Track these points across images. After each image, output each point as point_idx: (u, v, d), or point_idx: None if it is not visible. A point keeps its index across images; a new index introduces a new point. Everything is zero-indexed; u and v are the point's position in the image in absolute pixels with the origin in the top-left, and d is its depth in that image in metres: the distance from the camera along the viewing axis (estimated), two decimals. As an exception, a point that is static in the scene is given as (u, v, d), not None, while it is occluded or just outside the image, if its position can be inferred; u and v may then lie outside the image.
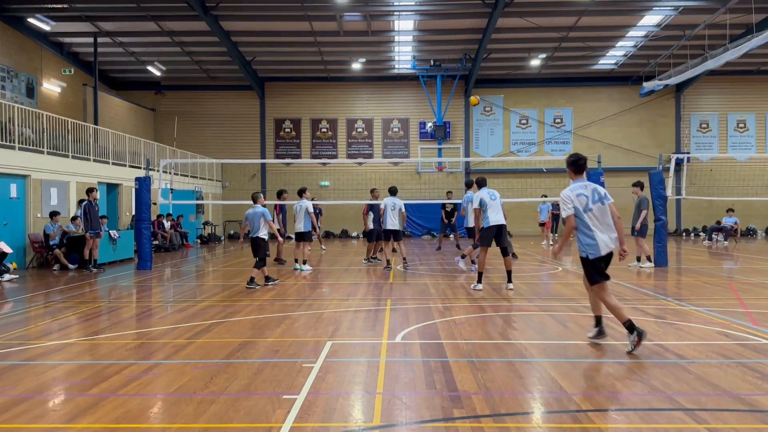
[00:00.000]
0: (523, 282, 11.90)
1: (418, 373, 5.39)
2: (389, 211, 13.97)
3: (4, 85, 21.52)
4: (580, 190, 6.28)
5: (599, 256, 6.12)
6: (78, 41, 25.43)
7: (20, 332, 7.52)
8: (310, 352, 6.15)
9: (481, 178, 11.23)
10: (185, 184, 24.92)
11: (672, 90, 30.16)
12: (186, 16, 22.58)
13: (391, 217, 13.94)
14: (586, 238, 6.15)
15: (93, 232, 14.50)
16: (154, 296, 10.88)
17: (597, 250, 6.10)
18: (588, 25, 24.15)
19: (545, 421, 4.31)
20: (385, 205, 14.02)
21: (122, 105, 28.73)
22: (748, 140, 31.02)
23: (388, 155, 31.00)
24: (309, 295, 10.38)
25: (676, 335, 6.91)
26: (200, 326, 7.64)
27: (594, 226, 6.14)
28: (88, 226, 14.48)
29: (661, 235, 14.55)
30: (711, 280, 12.04)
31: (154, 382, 5.22)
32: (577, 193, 6.24)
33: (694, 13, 22.75)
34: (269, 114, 31.45)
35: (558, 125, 31.22)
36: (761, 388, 4.88)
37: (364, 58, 28.43)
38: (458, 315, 8.23)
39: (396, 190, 14.46)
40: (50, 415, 4.44)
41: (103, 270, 14.66)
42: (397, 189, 14.52)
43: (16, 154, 15.35)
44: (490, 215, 10.52)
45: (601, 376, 5.25)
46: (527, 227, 29.65)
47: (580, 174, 6.45)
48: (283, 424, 4.14)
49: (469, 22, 24.15)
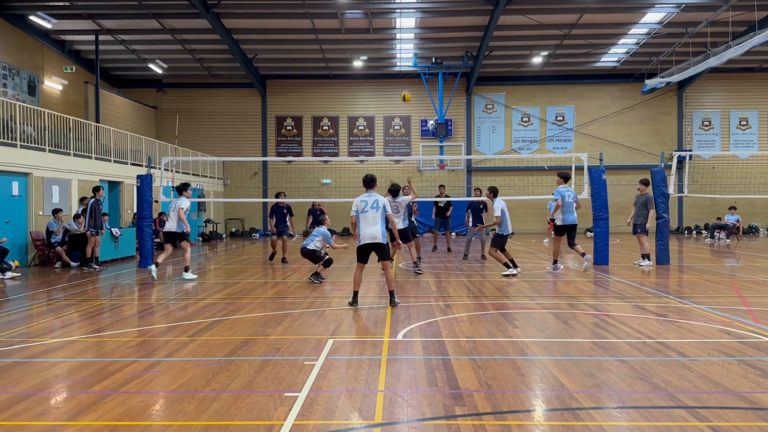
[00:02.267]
0: (525, 279, 11.90)
1: (420, 370, 5.38)
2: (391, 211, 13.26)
3: (5, 82, 21.54)
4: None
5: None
6: (79, 39, 25.44)
7: (22, 330, 7.53)
8: (312, 350, 6.15)
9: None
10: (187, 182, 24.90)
11: (674, 87, 30.10)
12: (187, 14, 22.58)
13: (397, 217, 12.77)
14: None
15: (94, 230, 14.51)
16: (155, 294, 10.89)
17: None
18: (590, 23, 24.10)
19: (547, 418, 4.30)
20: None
21: (124, 103, 28.74)
22: (750, 138, 30.96)
23: (389, 153, 31.00)
24: (310, 293, 10.39)
25: (678, 333, 6.90)
26: (202, 324, 7.64)
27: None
28: (92, 224, 14.51)
29: (663, 233, 14.54)
30: (713, 278, 12.03)
31: (156, 379, 5.22)
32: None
33: (697, 10, 22.71)
34: (271, 112, 31.46)
35: (560, 123, 31.18)
36: (763, 386, 4.88)
37: (366, 55, 28.41)
38: (460, 313, 8.23)
39: (398, 188, 13.03)
40: (52, 412, 4.44)
41: (104, 267, 14.68)
42: (399, 187, 13.01)
43: (17, 152, 15.37)
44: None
45: (603, 374, 5.24)
46: (529, 225, 29.66)
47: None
48: (285, 422, 4.14)
49: (471, 20, 24.12)
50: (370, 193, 8.86)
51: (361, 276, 8.88)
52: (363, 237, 8.68)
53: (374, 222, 8.64)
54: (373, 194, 8.86)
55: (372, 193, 8.87)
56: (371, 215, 8.64)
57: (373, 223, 8.64)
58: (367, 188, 8.90)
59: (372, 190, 8.90)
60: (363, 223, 8.69)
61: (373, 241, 8.65)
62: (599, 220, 14.66)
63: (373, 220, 8.64)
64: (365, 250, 8.75)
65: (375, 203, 8.70)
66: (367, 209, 8.67)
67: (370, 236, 8.63)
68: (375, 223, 8.64)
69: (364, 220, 8.69)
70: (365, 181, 8.93)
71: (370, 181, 8.92)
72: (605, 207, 14.74)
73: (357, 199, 8.84)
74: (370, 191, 8.88)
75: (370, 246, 8.70)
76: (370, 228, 8.64)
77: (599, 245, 14.60)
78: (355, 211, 8.78)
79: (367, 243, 8.68)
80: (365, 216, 8.68)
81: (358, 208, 8.73)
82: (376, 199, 8.74)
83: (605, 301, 9.20)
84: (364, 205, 8.70)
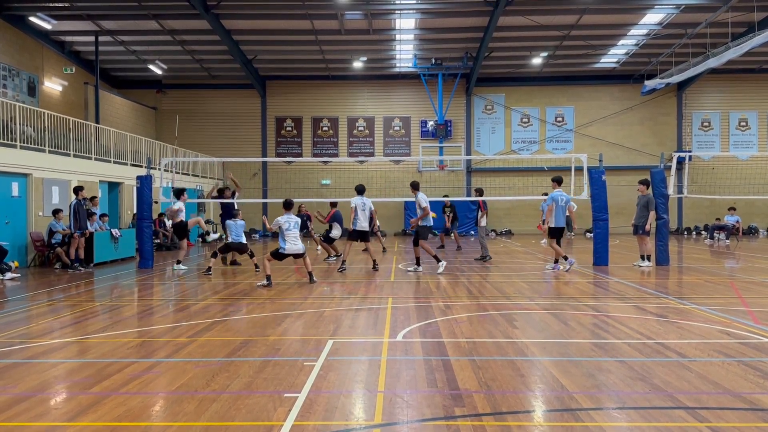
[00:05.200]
0: (525, 280, 11.90)
1: (420, 371, 5.39)
2: (360, 212, 13.50)
3: (5, 83, 21.54)
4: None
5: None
6: (79, 40, 25.45)
7: (22, 330, 7.53)
8: (312, 351, 6.15)
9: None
10: (186, 182, 24.92)
11: (674, 88, 30.12)
12: (187, 15, 22.59)
13: (363, 219, 13.54)
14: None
15: (79, 231, 14.44)
16: (155, 294, 10.89)
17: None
18: (589, 24, 24.12)
19: (546, 419, 4.30)
20: (356, 206, 13.53)
21: (123, 103, 28.75)
22: (749, 139, 30.98)
23: (389, 154, 31.01)
24: (310, 293, 10.39)
25: (678, 334, 6.90)
26: (201, 324, 7.64)
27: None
28: (77, 225, 14.42)
29: (662, 234, 14.54)
30: (712, 279, 12.03)
31: (156, 380, 5.22)
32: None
33: (696, 11, 22.73)
34: (270, 112, 31.46)
35: (559, 124, 31.20)
36: (762, 387, 4.88)
37: (366, 56, 28.42)
38: (459, 313, 8.23)
39: (364, 189, 14.00)
40: (52, 413, 4.44)
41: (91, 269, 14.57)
42: (365, 188, 14.06)
43: (17, 153, 15.37)
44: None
45: (603, 374, 5.24)
46: (528, 226, 29.66)
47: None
48: (285, 423, 4.14)
49: (471, 21, 24.13)
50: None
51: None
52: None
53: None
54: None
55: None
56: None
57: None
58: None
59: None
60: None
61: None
62: (599, 221, 14.66)
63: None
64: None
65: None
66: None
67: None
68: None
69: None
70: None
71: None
72: (605, 208, 14.74)
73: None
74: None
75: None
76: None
77: (599, 246, 14.61)
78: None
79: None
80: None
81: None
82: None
83: (605, 302, 9.20)
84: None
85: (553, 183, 13.91)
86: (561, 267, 13.37)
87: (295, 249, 11.37)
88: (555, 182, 13.90)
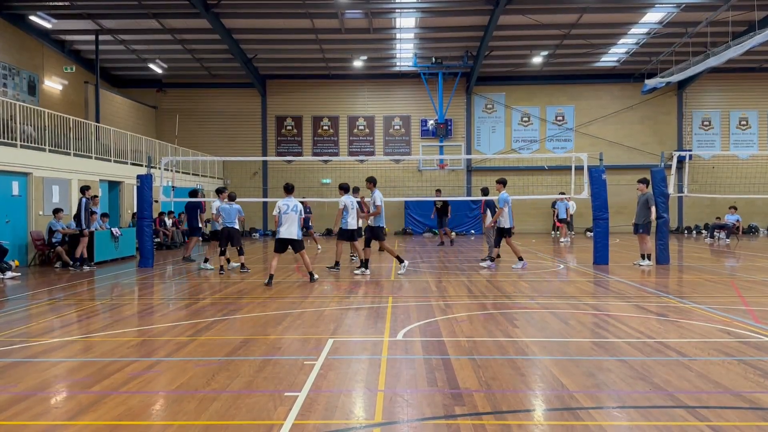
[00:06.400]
0: (525, 279, 11.90)
1: (420, 370, 5.39)
2: (350, 211, 13.34)
3: (5, 82, 21.54)
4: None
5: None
6: (79, 39, 25.44)
7: (22, 329, 7.53)
8: (312, 350, 6.15)
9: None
10: (187, 181, 24.92)
11: (674, 87, 30.10)
12: (187, 14, 22.57)
13: (352, 218, 13.36)
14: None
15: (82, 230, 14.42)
16: (155, 294, 10.89)
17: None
18: (590, 23, 24.10)
19: (546, 418, 4.30)
20: (345, 205, 13.28)
21: (124, 102, 28.74)
22: (750, 137, 30.96)
23: (389, 153, 31.00)
24: (310, 292, 10.39)
25: (678, 333, 6.90)
26: (202, 324, 7.64)
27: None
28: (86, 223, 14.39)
29: (663, 233, 14.54)
30: (713, 278, 12.03)
31: (156, 379, 5.23)
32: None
33: (697, 10, 22.70)
34: (270, 111, 31.45)
35: (560, 123, 31.18)
36: (763, 386, 4.88)
37: (366, 55, 28.41)
38: (459, 312, 8.23)
39: (350, 187, 13.84)
40: (52, 412, 4.44)
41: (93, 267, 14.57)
42: (349, 186, 13.85)
43: (17, 152, 15.36)
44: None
45: (603, 374, 5.24)
46: (529, 224, 29.67)
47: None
48: (285, 422, 4.14)
49: (471, 20, 24.11)
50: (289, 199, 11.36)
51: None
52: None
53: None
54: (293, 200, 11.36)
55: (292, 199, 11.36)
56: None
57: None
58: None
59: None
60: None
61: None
62: (599, 220, 14.66)
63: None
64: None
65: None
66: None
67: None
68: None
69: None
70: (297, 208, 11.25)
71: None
72: (605, 207, 14.73)
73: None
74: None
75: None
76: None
77: (599, 245, 14.61)
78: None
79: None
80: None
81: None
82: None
83: (605, 301, 9.20)
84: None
85: (498, 185, 14.36)
86: (517, 266, 13.68)
87: (288, 233, 10.89)
88: (501, 184, 14.37)
